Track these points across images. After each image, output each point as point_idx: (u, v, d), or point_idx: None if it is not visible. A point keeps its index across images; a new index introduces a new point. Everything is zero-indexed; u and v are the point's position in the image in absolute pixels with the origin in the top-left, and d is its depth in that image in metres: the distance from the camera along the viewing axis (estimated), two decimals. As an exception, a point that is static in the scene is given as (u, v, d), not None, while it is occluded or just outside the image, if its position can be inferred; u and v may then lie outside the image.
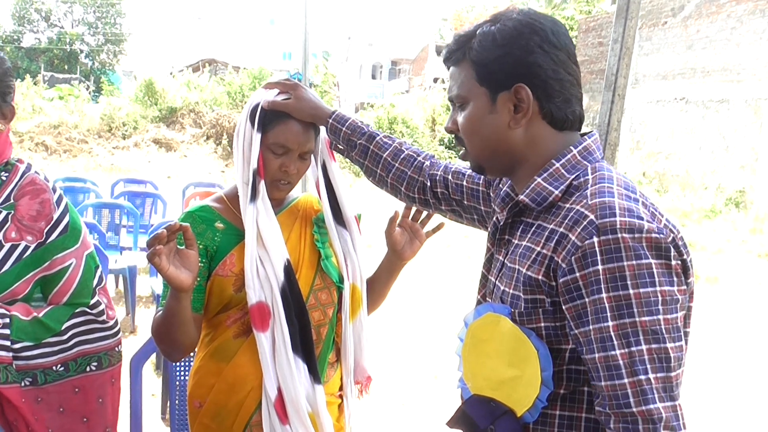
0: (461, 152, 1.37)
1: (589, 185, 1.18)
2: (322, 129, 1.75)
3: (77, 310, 1.64)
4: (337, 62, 42.53)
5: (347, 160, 1.81)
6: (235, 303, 1.66)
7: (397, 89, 35.22)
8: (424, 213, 1.83)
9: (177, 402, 2.36)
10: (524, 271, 1.21)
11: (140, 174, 15.26)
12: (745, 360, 5.41)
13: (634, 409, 1.05)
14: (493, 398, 1.26)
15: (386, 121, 20.95)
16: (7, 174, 1.62)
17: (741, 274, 8.71)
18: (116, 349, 1.72)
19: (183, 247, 1.48)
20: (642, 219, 1.09)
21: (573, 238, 1.12)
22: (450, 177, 1.65)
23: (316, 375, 1.64)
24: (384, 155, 1.71)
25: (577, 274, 1.10)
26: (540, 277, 1.17)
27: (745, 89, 13.73)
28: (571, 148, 1.25)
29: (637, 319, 1.06)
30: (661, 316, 1.06)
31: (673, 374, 1.07)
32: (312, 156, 1.75)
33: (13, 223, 1.57)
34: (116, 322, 1.74)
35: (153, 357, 4.00)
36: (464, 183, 1.63)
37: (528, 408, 1.21)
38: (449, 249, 9.18)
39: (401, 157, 1.70)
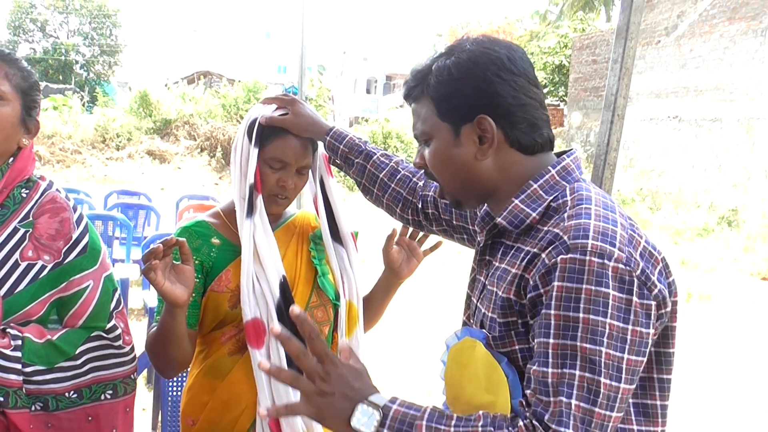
0: (438, 188, 1.36)
1: (567, 207, 1.16)
2: (320, 144, 1.74)
3: (93, 334, 1.58)
4: (332, 76, 42.71)
5: (342, 173, 1.80)
6: (231, 319, 1.64)
7: (392, 104, 35.31)
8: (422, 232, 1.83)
9: (169, 417, 2.34)
10: (499, 293, 1.20)
11: (134, 186, 15.21)
12: (737, 377, 5.41)
13: (547, 424, 1.03)
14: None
15: (380, 135, 20.98)
16: (27, 191, 1.57)
17: (733, 292, 8.73)
18: (132, 376, 1.65)
19: (179, 262, 1.47)
20: (614, 246, 1.07)
21: (543, 256, 1.11)
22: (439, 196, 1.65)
23: None
24: (380, 175, 1.70)
25: (541, 290, 1.09)
26: (512, 297, 1.16)
27: (737, 108, 13.83)
28: (549, 168, 1.23)
29: (578, 343, 1.03)
30: (603, 349, 1.03)
31: (598, 410, 1.02)
32: (310, 171, 1.74)
33: (30, 241, 1.52)
34: (132, 348, 1.67)
35: (144, 371, 3.97)
36: None
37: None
38: (443, 266, 9.17)
39: (397, 177, 1.69)
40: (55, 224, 1.56)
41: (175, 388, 2.38)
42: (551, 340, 1.05)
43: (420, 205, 1.67)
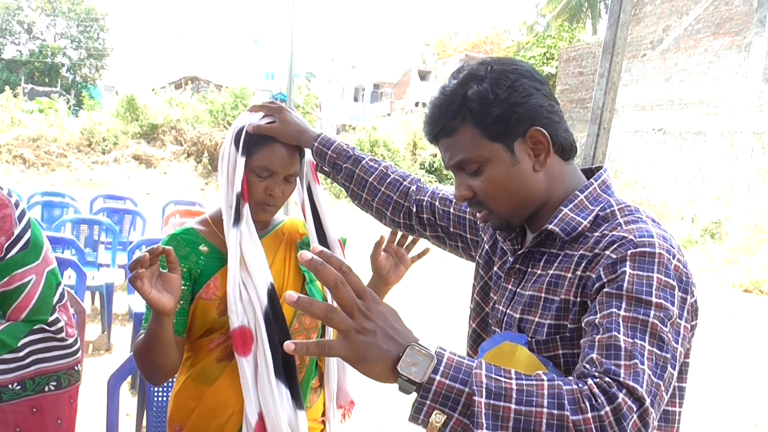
0: (482, 214, 1.33)
1: (618, 216, 1.21)
2: (307, 151, 1.75)
3: (35, 327, 1.61)
4: (320, 84, 42.71)
5: (328, 180, 1.81)
6: (218, 327, 1.65)
7: (379, 112, 35.43)
8: (410, 238, 1.84)
9: (154, 423, 2.33)
10: (554, 297, 1.20)
11: (119, 190, 15.14)
12: (719, 388, 5.45)
13: (623, 381, 0.97)
14: None
15: (368, 143, 21.04)
16: None
17: (716, 304, 8.80)
18: (75, 368, 1.68)
19: (166, 270, 1.47)
20: (674, 247, 1.13)
21: (608, 253, 1.13)
22: (437, 203, 1.65)
23: (298, 400, 1.63)
24: (370, 179, 1.70)
25: (605, 280, 1.10)
26: (570, 298, 1.17)
27: (721, 122, 13.99)
28: (592, 181, 1.28)
29: (650, 319, 1.03)
30: (669, 331, 1.04)
31: (663, 386, 1.00)
32: (297, 179, 1.75)
33: None
34: (76, 340, 1.70)
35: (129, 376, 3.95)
36: (451, 210, 1.63)
37: None
38: (428, 273, 9.19)
39: (387, 181, 1.70)
40: None
41: (160, 394, 2.37)
42: (622, 312, 1.04)
43: (414, 209, 1.67)
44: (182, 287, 1.54)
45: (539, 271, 1.27)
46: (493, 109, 1.22)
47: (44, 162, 17.90)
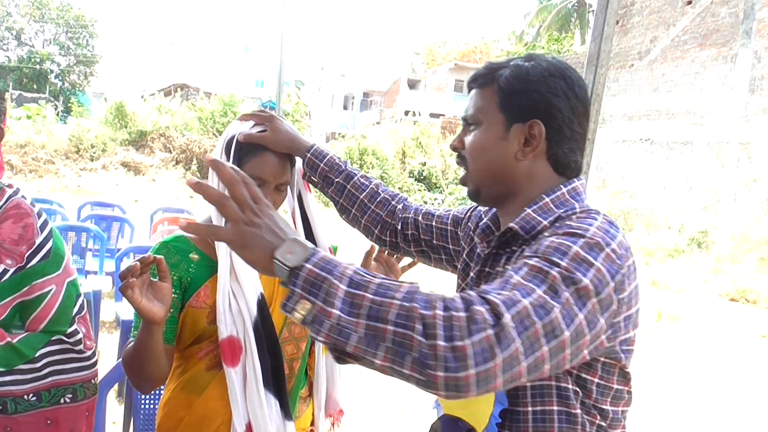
0: (462, 176, 1.40)
1: (575, 216, 1.22)
2: (298, 159, 1.75)
3: (53, 338, 1.59)
4: (309, 92, 42.71)
5: (317, 189, 1.82)
6: (208, 335, 1.64)
7: (369, 120, 35.44)
8: None
9: (141, 431, 2.33)
10: None
11: (107, 197, 15.07)
12: (704, 396, 5.48)
13: (489, 297, 0.98)
14: (460, 417, 1.30)
15: (357, 151, 21.04)
16: None
17: (702, 313, 8.86)
18: (92, 381, 1.66)
19: (156, 279, 1.47)
20: (614, 243, 1.11)
21: (544, 233, 1.18)
22: (420, 218, 1.68)
23: (287, 411, 1.62)
24: (361, 196, 1.72)
25: (528, 252, 1.12)
26: None
27: (708, 132, 14.10)
28: (561, 186, 1.29)
29: (553, 272, 1.03)
30: (571, 294, 1.01)
31: (539, 326, 0.97)
32: (288, 187, 1.74)
33: None
34: (94, 353, 1.68)
35: (115, 384, 3.94)
36: (433, 223, 1.66)
37: (485, 425, 1.24)
38: (419, 283, 9.20)
39: (377, 200, 1.72)
40: (18, 229, 1.57)
41: (147, 402, 2.37)
42: (531, 262, 1.06)
43: (399, 227, 1.70)
44: (172, 295, 1.54)
45: (501, 269, 1.30)
46: (517, 84, 1.28)
47: (32, 168, 17.81)
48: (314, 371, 1.78)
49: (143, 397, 2.34)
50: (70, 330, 1.62)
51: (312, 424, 1.82)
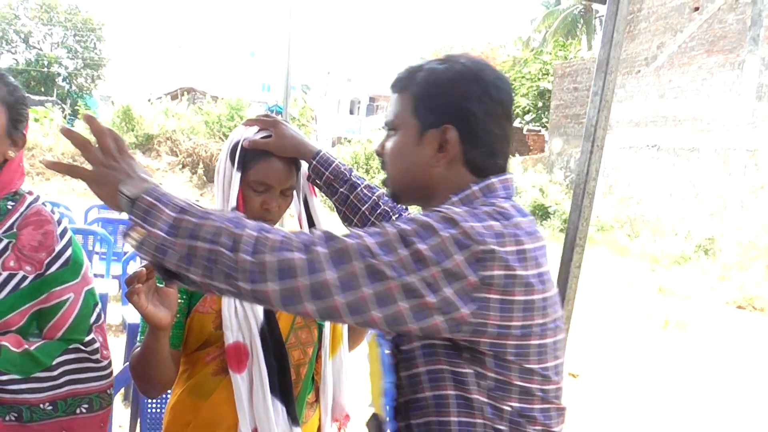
0: (384, 178, 1.40)
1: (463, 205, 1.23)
2: (303, 163, 1.75)
3: (71, 347, 1.58)
4: (315, 96, 42.79)
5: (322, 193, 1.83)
6: (215, 340, 1.64)
7: (375, 125, 35.45)
8: None
9: (147, 436, 2.33)
10: None
11: (113, 200, 15.06)
12: (711, 404, 5.46)
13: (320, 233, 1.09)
14: (377, 413, 1.34)
15: (363, 156, 21.07)
16: (13, 203, 1.59)
17: (709, 320, 8.82)
18: (108, 391, 1.65)
19: (162, 284, 1.47)
20: (482, 222, 1.12)
21: None
22: None
23: (294, 416, 1.62)
24: (363, 208, 1.74)
25: None
26: None
27: (714, 139, 14.07)
28: (471, 185, 1.26)
29: (390, 230, 1.09)
30: (392, 258, 1.06)
31: (356, 267, 1.04)
32: (294, 191, 1.74)
33: (13, 252, 1.53)
34: (110, 363, 1.67)
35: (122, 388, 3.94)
36: None
37: (380, 401, 1.30)
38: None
39: (377, 212, 1.74)
40: (38, 236, 1.57)
41: (154, 407, 2.37)
42: (384, 225, 1.12)
43: None
44: (179, 301, 1.54)
45: None
46: (429, 89, 1.28)
47: (39, 171, 17.87)
48: (321, 376, 1.78)
49: (150, 401, 2.34)
50: (87, 339, 1.61)
51: (319, 429, 1.82)
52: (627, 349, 7.01)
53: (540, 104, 25.52)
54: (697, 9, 15.09)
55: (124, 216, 1.14)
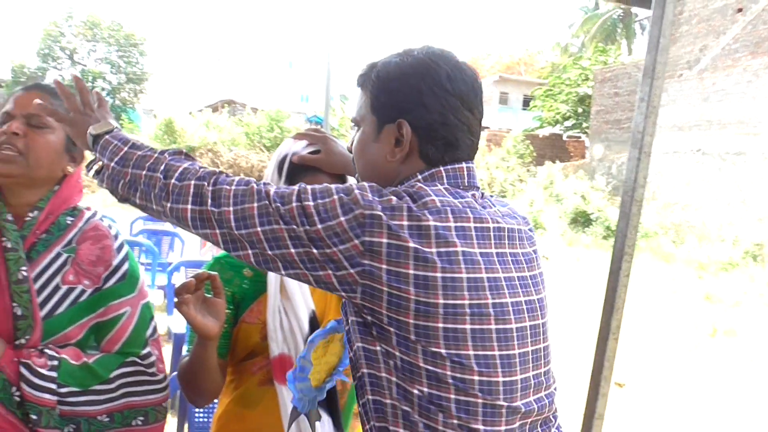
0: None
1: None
2: (350, 179, 1.74)
3: (127, 360, 1.60)
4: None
5: None
6: (261, 350, 1.65)
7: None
8: None
9: (194, 445, 2.35)
10: None
11: (157, 211, 15.30)
12: (761, 414, 5.32)
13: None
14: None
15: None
16: (72, 219, 1.63)
17: (759, 327, 8.60)
18: (163, 404, 1.66)
19: (211, 295, 1.49)
20: (360, 192, 1.16)
21: None
22: None
23: (339, 427, 1.62)
24: None
25: None
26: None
27: (761, 142, 13.75)
28: (417, 174, 1.27)
29: (297, 188, 1.20)
30: (292, 205, 1.16)
31: (253, 205, 1.19)
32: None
33: (72, 266, 1.57)
34: (165, 377, 1.69)
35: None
36: None
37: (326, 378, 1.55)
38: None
39: None
40: (96, 251, 1.60)
41: (200, 416, 2.39)
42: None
43: None
44: (226, 311, 1.56)
45: None
46: (383, 84, 1.29)
47: (85, 184, 18.08)
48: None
49: (197, 410, 2.36)
50: (143, 352, 1.63)
51: (365, 440, 1.81)
52: (674, 358, 6.88)
53: (580, 110, 25.26)
54: (740, 10, 14.80)
55: (168, 227, 1.25)
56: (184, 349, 1.68)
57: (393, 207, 1.14)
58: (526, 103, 35.56)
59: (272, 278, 1.62)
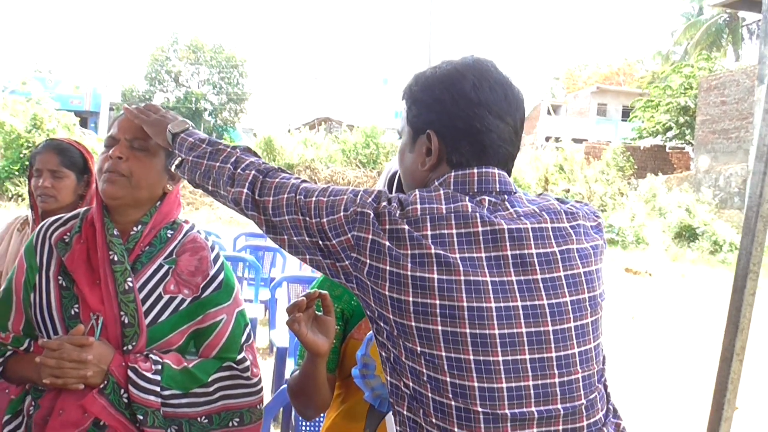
0: None
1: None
2: None
3: (224, 365, 1.70)
4: (447, 120, 42.86)
5: None
6: (369, 365, 1.67)
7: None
8: None
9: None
10: None
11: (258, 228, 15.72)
12: None
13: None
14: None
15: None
16: (172, 232, 1.76)
17: None
18: (258, 406, 1.75)
19: (321, 313, 1.53)
20: (364, 193, 1.26)
21: None
22: None
23: None
24: None
25: None
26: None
27: None
28: (435, 180, 1.31)
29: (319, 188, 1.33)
30: (315, 198, 1.29)
31: (283, 197, 1.33)
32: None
33: (173, 276, 1.68)
34: (259, 380, 1.77)
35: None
36: None
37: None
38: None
39: None
40: (194, 262, 1.72)
41: (306, 428, 2.43)
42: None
43: None
44: (335, 327, 1.58)
45: None
46: (415, 96, 1.35)
47: (189, 202, 19.00)
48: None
49: (303, 423, 2.40)
50: (239, 357, 1.73)
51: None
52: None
53: (681, 120, 24.29)
54: None
55: (270, 243, 1.33)
56: (292, 363, 1.71)
57: (380, 211, 1.22)
58: (626, 114, 34.57)
59: None
